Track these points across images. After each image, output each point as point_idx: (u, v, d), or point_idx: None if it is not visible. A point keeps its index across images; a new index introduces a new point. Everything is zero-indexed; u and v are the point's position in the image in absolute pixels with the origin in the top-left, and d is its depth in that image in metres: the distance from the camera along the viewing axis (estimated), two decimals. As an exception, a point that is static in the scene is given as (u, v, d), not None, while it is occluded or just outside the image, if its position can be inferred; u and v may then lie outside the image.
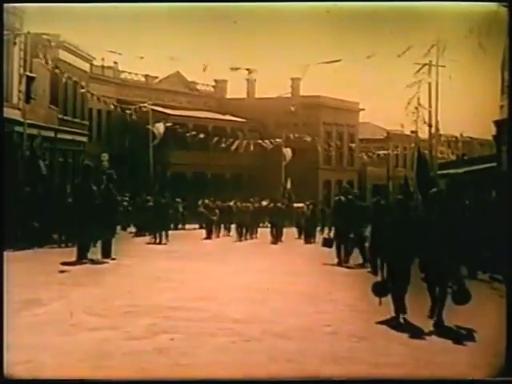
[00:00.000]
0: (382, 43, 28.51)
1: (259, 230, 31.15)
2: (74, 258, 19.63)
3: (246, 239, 30.33)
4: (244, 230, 30.62)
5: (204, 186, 35.43)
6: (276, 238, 29.31)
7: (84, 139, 33.39)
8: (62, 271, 17.74)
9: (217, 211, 31.28)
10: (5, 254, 10.70)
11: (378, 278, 12.70)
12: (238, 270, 19.10)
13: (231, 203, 32.16)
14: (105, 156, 32.44)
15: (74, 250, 20.22)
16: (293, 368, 9.40)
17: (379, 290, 12.75)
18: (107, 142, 35.59)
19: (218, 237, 30.90)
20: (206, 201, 32.30)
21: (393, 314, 12.28)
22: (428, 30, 25.22)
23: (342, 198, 22.10)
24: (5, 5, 10.34)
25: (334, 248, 21.49)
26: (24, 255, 19.77)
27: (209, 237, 30.37)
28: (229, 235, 31.15)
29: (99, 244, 20.82)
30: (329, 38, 29.21)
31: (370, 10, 14.72)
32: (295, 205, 32.43)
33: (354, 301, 14.09)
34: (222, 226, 31.49)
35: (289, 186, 35.62)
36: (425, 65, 29.54)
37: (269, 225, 30.49)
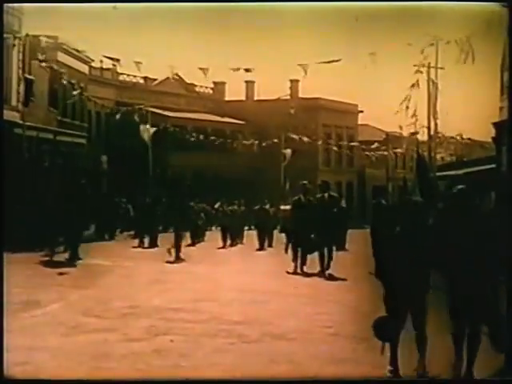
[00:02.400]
0: (381, 45, 28.53)
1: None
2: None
3: (234, 245, 27.55)
4: (230, 235, 27.71)
5: (203, 188, 35.39)
6: (264, 243, 26.49)
7: (83, 141, 33.40)
8: (61, 273, 17.76)
9: (202, 215, 28.83)
10: (4, 255, 10.65)
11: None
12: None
13: (216, 205, 29.73)
14: (104, 158, 32.47)
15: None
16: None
17: (386, 331, 8.63)
18: (106, 144, 35.59)
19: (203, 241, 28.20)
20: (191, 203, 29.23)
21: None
22: (427, 31, 25.26)
23: (301, 198, 19.41)
24: (4, 5, 10.31)
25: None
26: (23, 257, 19.74)
27: (193, 243, 27.19)
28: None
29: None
30: (328, 40, 29.22)
31: (369, 11, 14.71)
32: (282, 207, 29.05)
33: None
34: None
35: (288, 187, 35.58)
36: (424, 66, 29.57)
37: (255, 229, 27.49)
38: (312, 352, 10.07)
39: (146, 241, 26.19)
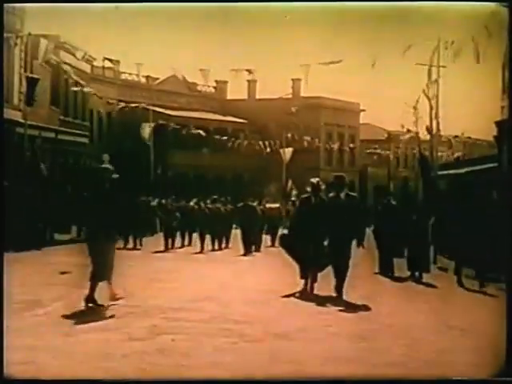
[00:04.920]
0: (383, 44, 28.54)
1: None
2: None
3: (221, 249, 24.82)
4: (210, 238, 24.76)
5: (204, 187, 35.39)
6: (249, 247, 23.82)
7: (85, 140, 33.42)
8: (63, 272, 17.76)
9: (177, 214, 25.31)
10: (5, 254, 10.66)
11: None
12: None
13: (192, 203, 26.08)
14: (106, 157, 32.44)
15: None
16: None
17: None
18: (108, 143, 35.62)
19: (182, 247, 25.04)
20: (164, 201, 26.59)
21: None
22: (429, 30, 25.25)
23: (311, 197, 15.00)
24: (5, 5, 10.32)
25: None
26: (23, 256, 19.75)
27: (167, 248, 24.32)
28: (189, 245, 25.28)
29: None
30: (330, 39, 29.19)
31: (371, 10, 14.72)
32: (268, 205, 26.81)
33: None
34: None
35: (289, 186, 35.57)
36: (426, 65, 29.56)
37: (239, 231, 24.57)
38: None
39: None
